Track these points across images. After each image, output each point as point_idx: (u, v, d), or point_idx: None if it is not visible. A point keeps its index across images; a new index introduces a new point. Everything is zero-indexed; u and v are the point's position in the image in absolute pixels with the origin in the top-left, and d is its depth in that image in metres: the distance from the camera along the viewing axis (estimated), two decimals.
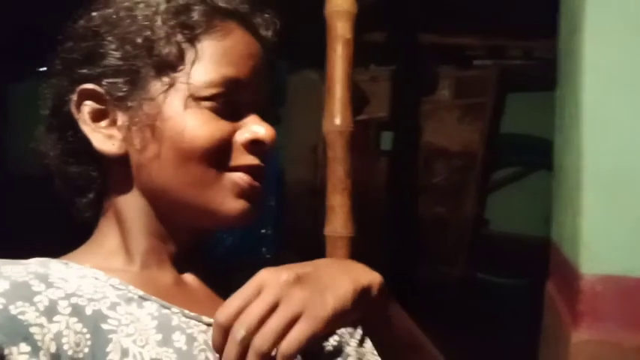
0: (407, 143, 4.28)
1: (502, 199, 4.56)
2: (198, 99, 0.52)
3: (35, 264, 0.50)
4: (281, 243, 4.70)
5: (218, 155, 0.53)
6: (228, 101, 0.53)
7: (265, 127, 0.55)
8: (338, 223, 1.24)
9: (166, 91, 0.52)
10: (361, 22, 1.35)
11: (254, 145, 0.54)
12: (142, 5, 0.54)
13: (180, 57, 0.52)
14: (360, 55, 1.38)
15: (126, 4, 0.54)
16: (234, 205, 0.53)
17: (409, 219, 4.21)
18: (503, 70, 4.24)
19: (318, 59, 1.37)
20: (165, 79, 0.52)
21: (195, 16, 0.53)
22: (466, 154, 4.28)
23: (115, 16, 0.54)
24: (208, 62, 0.53)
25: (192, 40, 0.53)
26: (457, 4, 3.73)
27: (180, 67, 0.53)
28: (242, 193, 0.54)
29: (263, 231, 4.78)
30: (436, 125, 4.33)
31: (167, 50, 0.52)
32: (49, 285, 0.47)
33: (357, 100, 1.46)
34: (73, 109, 0.54)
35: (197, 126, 0.52)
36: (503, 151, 4.55)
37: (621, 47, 1.31)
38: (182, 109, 0.52)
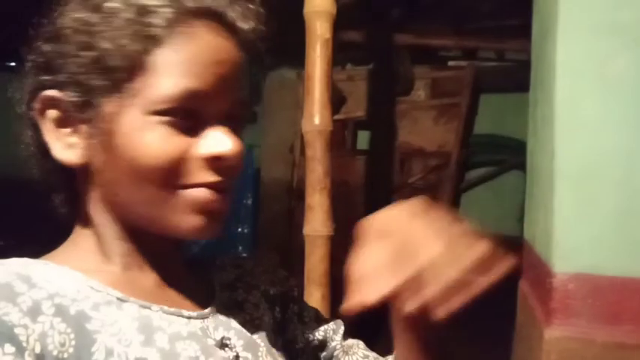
0: (383, 143, 4.31)
1: (475, 198, 4.63)
2: (154, 113, 0.49)
3: (16, 265, 0.49)
4: (257, 242, 4.69)
5: (174, 173, 0.50)
6: (191, 114, 0.50)
7: (230, 142, 0.51)
8: (317, 222, 1.25)
9: (122, 105, 0.49)
10: (338, 22, 1.36)
11: (216, 161, 0.51)
12: (101, 7, 0.50)
13: (136, 69, 0.49)
14: (337, 54, 1.39)
15: (91, 5, 0.51)
16: (192, 221, 0.51)
17: None
18: (477, 71, 4.30)
19: (295, 58, 1.37)
20: (121, 93, 0.49)
21: (157, 22, 0.49)
22: (441, 154, 4.33)
23: (76, 22, 0.50)
24: (166, 74, 0.49)
25: (150, 51, 0.49)
26: (432, 6, 3.77)
27: (137, 80, 0.49)
28: (201, 210, 0.51)
29: (239, 230, 4.77)
30: (412, 125, 4.37)
31: (121, 62, 0.49)
32: (32, 285, 0.47)
33: (334, 99, 1.46)
34: (37, 116, 0.52)
35: (152, 143, 0.49)
36: (477, 151, 4.62)
37: (593, 49, 1.34)
38: (138, 125, 0.49)
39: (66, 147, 0.52)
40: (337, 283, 1.34)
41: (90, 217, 0.54)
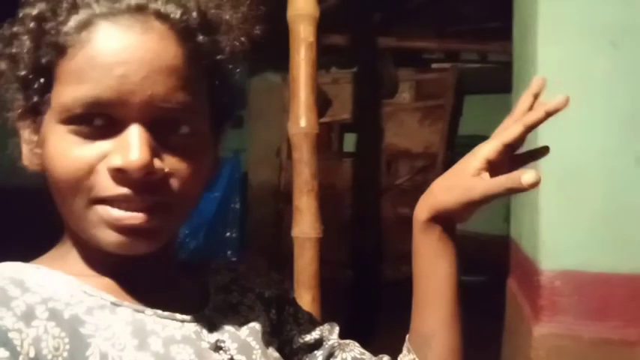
0: (369, 145, 4.33)
1: None
2: (62, 122, 0.47)
3: (9, 269, 0.48)
4: (246, 245, 4.68)
5: (81, 184, 0.47)
6: (101, 120, 0.47)
7: (135, 152, 0.46)
8: (305, 224, 1.25)
9: (43, 114, 0.49)
10: (322, 25, 1.37)
11: (120, 174, 0.46)
12: (21, 18, 0.49)
13: (50, 78, 0.48)
14: (322, 57, 1.40)
15: (24, 11, 0.49)
16: (107, 237, 0.48)
17: (373, 219, 4.26)
18: (460, 73, 4.34)
19: (279, 61, 1.37)
20: (38, 103, 0.49)
21: (61, 30, 0.47)
22: (427, 155, 4.36)
23: (5, 32, 0.50)
24: (67, 82, 0.47)
25: (54, 59, 0.47)
26: (415, 9, 3.80)
27: (47, 89, 0.48)
28: (114, 226, 0.48)
29: (228, 234, 4.75)
30: (397, 127, 4.40)
31: (34, 73, 0.48)
32: (26, 290, 0.46)
33: (320, 102, 1.47)
34: (18, 124, 0.52)
35: (58, 153, 0.48)
36: (463, 152, 4.65)
37: (573, 51, 1.36)
38: (51, 134, 0.48)
39: (29, 154, 0.52)
40: (327, 285, 1.34)
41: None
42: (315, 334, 0.65)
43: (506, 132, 0.59)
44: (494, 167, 0.58)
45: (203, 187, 0.53)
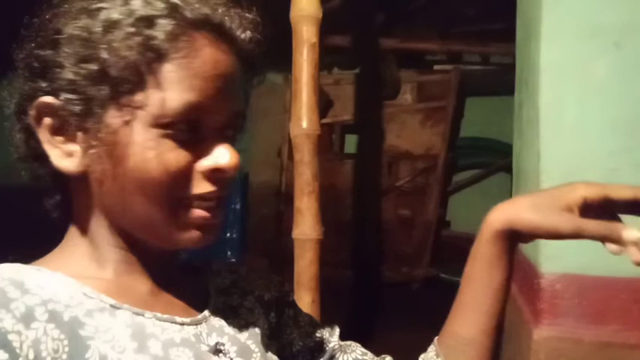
0: (371, 146, 4.33)
1: (463, 201, 4.66)
2: (157, 126, 0.49)
3: (8, 270, 0.48)
4: (246, 246, 4.68)
5: (176, 186, 0.50)
6: (192, 127, 0.50)
7: (229, 155, 0.52)
8: (306, 225, 1.25)
9: (124, 116, 0.49)
10: (324, 26, 1.37)
11: (215, 173, 0.52)
12: (102, 16, 0.49)
13: (139, 82, 0.49)
14: (324, 58, 1.40)
15: (89, 9, 0.49)
16: (188, 237, 0.52)
17: (374, 221, 4.25)
18: (463, 74, 4.34)
19: (281, 62, 1.37)
20: (122, 105, 0.49)
21: (158, 34, 0.48)
22: (428, 157, 4.36)
23: (75, 29, 0.49)
24: (169, 88, 0.49)
25: (152, 63, 0.49)
26: (418, 10, 3.80)
27: (139, 93, 0.49)
28: (196, 227, 0.52)
29: (228, 235, 4.75)
30: (399, 128, 4.40)
31: (123, 74, 0.48)
32: (25, 291, 0.46)
33: (321, 103, 1.47)
34: (32, 122, 0.51)
35: (154, 157, 0.49)
36: (464, 154, 4.66)
37: (576, 52, 1.36)
38: (141, 138, 0.49)
39: (64, 155, 0.51)
40: (327, 287, 1.34)
41: (84, 224, 0.54)
42: (315, 337, 0.65)
43: (619, 188, 0.56)
44: (587, 208, 0.57)
45: None
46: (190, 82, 0.49)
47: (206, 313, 0.56)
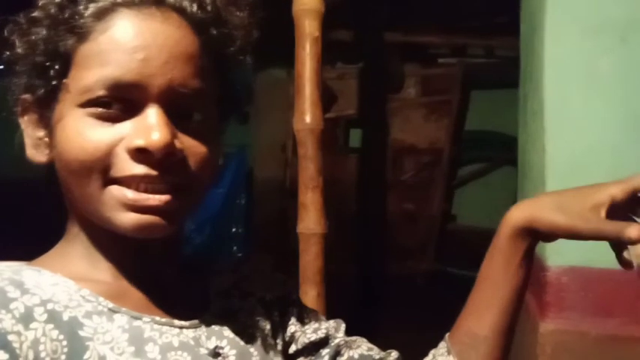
0: (375, 141, 4.32)
1: (468, 194, 4.65)
2: (81, 105, 0.48)
3: (8, 270, 0.48)
4: (252, 241, 4.68)
5: (97, 165, 0.48)
6: (120, 103, 0.48)
7: (157, 133, 0.47)
8: (310, 220, 1.25)
9: (61, 101, 0.50)
10: (327, 20, 1.36)
11: (141, 154, 0.48)
12: (40, 6, 0.51)
13: (69, 64, 0.49)
14: (327, 52, 1.39)
15: (34, 5, 0.51)
16: (123, 219, 0.49)
17: (378, 215, 4.25)
18: (467, 68, 4.32)
19: (284, 57, 1.37)
20: (59, 90, 0.50)
21: (81, 16, 0.49)
22: (433, 151, 4.34)
23: (20, 24, 0.51)
24: (88, 65, 0.48)
25: (76, 45, 0.49)
26: (422, 4, 3.78)
27: (68, 75, 0.49)
28: (128, 207, 0.48)
29: (234, 230, 4.76)
30: (403, 122, 4.38)
31: (53, 59, 0.49)
32: (25, 291, 0.46)
33: (325, 97, 1.46)
34: (20, 119, 0.54)
35: (75, 135, 0.48)
36: (469, 147, 4.64)
37: (580, 46, 1.35)
38: (69, 118, 0.49)
39: (35, 146, 0.53)
40: (332, 281, 1.34)
41: (73, 219, 0.54)
42: (320, 333, 0.64)
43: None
44: (615, 210, 0.55)
45: (215, 174, 0.54)
46: (108, 57, 0.48)
47: (206, 316, 0.56)
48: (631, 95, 1.33)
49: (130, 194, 0.48)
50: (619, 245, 0.54)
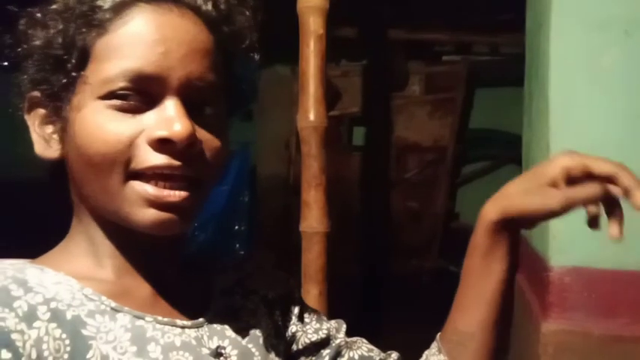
0: (379, 138, 4.31)
1: (472, 192, 4.64)
2: (101, 98, 0.49)
3: (12, 268, 0.48)
4: (255, 239, 4.69)
5: (118, 157, 0.48)
6: (139, 95, 0.49)
7: (178, 123, 0.48)
8: (313, 218, 1.25)
9: (78, 94, 0.50)
10: (332, 18, 1.36)
11: (164, 144, 0.48)
12: (54, 3, 0.51)
13: (87, 58, 0.50)
14: (331, 50, 1.39)
15: (45, 2, 0.52)
16: (143, 215, 0.49)
17: (382, 213, 4.25)
18: (472, 65, 4.30)
19: (288, 54, 1.36)
20: (76, 83, 0.50)
21: (101, 10, 0.49)
22: (437, 149, 4.33)
23: (31, 21, 0.52)
24: (106, 57, 0.49)
25: (96, 39, 0.50)
26: (426, 1, 3.77)
27: (87, 68, 0.50)
28: (149, 203, 0.49)
29: (237, 227, 4.76)
30: (407, 120, 4.37)
31: (70, 53, 0.50)
32: (28, 290, 0.46)
33: (329, 95, 1.46)
34: (25, 116, 0.54)
35: (96, 128, 0.49)
36: (473, 145, 4.63)
37: (586, 43, 1.35)
38: (88, 111, 0.49)
39: (45, 142, 0.53)
40: (334, 279, 1.34)
41: (79, 217, 0.54)
42: (321, 333, 0.64)
43: (599, 162, 0.55)
44: (572, 180, 0.55)
45: (224, 168, 0.55)
46: (128, 50, 0.49)
47: (208, 315, 0.56)
48: (636, 93, 1.32)
49: (150, 189, 0.49)
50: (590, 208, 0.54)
